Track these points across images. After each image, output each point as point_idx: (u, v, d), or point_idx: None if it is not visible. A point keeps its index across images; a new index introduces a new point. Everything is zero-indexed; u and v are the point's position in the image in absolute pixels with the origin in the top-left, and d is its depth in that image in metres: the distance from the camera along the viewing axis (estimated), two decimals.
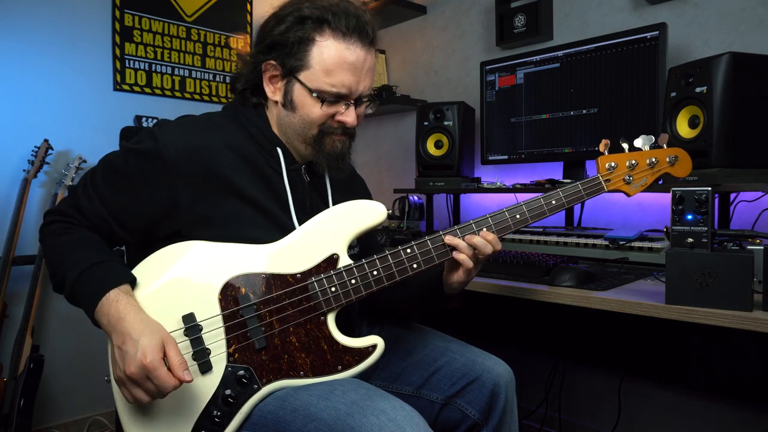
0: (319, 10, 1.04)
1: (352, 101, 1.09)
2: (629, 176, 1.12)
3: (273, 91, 1.10)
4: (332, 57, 1.04)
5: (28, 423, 1.96)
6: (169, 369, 0.88)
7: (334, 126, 1.09)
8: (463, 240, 1.05)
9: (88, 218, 1.05)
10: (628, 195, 1.14)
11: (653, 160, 1.12)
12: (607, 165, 1.12)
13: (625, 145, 1.14)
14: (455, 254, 1.05)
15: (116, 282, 0.97)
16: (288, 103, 1.08)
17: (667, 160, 1.13)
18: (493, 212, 1.08)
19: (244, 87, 1.13)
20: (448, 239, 1.05)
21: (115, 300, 0.95)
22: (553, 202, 1.09)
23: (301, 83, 1.06)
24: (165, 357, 0.89)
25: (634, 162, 1.12)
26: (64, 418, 2.27)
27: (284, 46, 1.05)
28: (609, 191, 1.12)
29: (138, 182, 1.03)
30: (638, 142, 1.13)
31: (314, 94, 1.05)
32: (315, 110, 1.06)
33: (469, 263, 1.05)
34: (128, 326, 0.92)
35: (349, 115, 1.09)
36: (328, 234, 1.04)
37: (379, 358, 1.01)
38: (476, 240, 1.04)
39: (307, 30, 1.04)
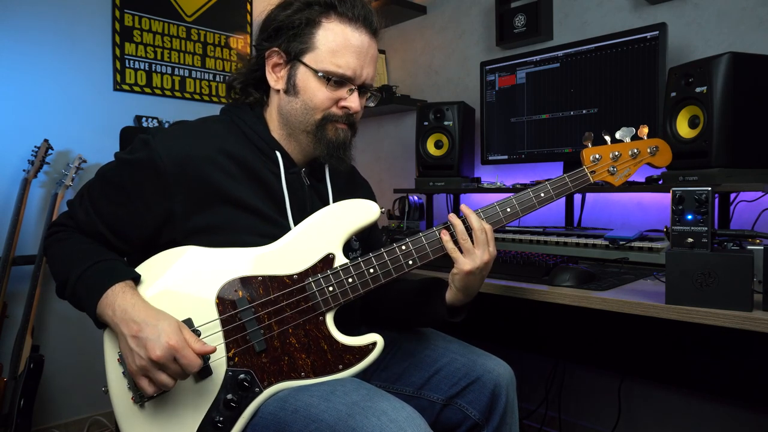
0: None
1: (356, 87, 1.09)
2: (613, 167, 1.15)
3: (276, 80, 1.10)
4: (338, 37, 1.06)
5: (28, 423, 1.96)
6: None
7: (337, 113, 1.09)
8: (461, 223, 1.04)
9: (85, 230, 1.06)
10: (614, 185, 1.16)
11: (635, 150, 1.15)
12: (591, 157, 1.14)
13: (608, 138, 1.16)
14: (444, 240, 1.04)
15: (121, 276, 0.98)
16: (291, 88, 1.08)
17: (648, 150, 1.16)
18: (484, 207, 1.09)
19: (244, 83, 1.13)
20: (451, 217, 1.05)
21: (121, 291, 0.96)
22: (542, 194, 1.11)
23: (306, 65, 1.06)
24: None
25: (617, 153, 1.15)
26: (64, 418, 2.27)
27: (289, 29, 1.06)
28: (595, 182, 1.15)
29: (133, 194, 1.02)
30: (620, 134, 1.17)
31: (320, 74, 1.06)
32: (320, 93, 1.07)
33: (457, 252, 1.04)
34: (141, 313, 0.93)
35: (353, 101, 1.09)
36: (323, 234, 1.04)
37: (379, 356, 1.01)
38: (473, 219, 1.04)
39: (313, 13, 1.06)
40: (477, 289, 1.10)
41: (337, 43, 1.05)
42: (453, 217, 1.05)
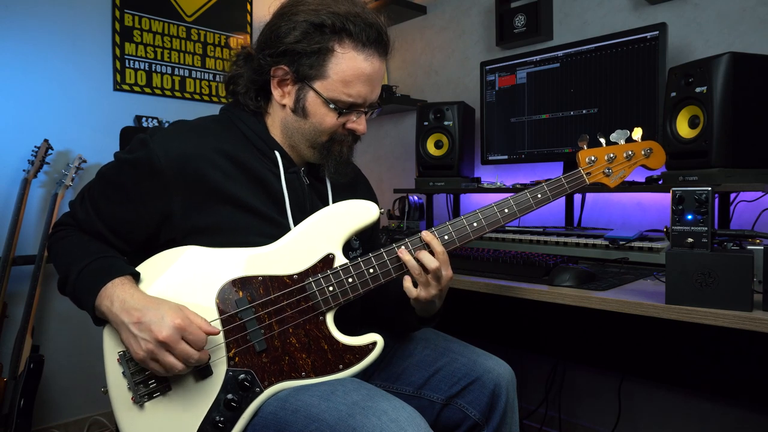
0: (338, 18, 1.02)
1: (364, 110, 1.09)
2: (609, 169, 1.16)
3: (282, 95, 1.09)
4: (351, 69, 1.04)
5: (28, 423, 1.96)
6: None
7: (344, 134, 1.10)
8: (414, 254, 1.03)
9: (85, 230, 1.07)
10: (609, 186, 1.17)
11: (630, 152, 1.16)
12: (587, 159, 1.16)
13: (603, 140, 1.18)
14: (401, 254, 1.03)
15: (120, 272, 0.98)
16: (299, 110, 1.07)
17: (642, 152, 1.17)
18: (482, 207, 1.09)
19: (246, 90, 1.11)
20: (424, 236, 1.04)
21: (120, 284, 0.96)
22: (539, 195, 1.12)
23: (316, 92, 1.05)
24: None
25: (612, 155, 1.16)
26: (64, 418, 2.27)
27: (300, 54, 1.03)
28: (590, 184, 1.16)
29: (132, 193, 1.03)
30: (614, 137, 1.18)
31: (331, 105, 1.05)
32: (329, 119, 1.07)
33: (409, 282, 1.04)
34: (141, 301, 0.93)
35: (360, 123, 1.10)
36: (323, 234, 1.04)
37: (379, 356, 1.01)
38: (425, 260, 1.01)
39: (325, 39, 1.02)
40: (437, 309, 1.12)
41: (350, 73, 1.03)
42: (403, 254, 1.03)
